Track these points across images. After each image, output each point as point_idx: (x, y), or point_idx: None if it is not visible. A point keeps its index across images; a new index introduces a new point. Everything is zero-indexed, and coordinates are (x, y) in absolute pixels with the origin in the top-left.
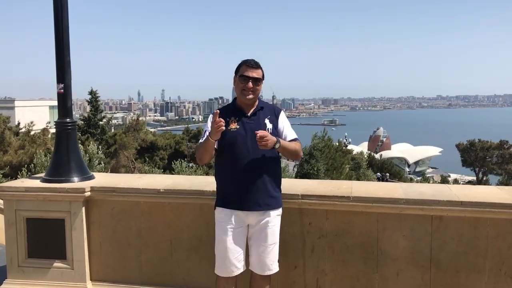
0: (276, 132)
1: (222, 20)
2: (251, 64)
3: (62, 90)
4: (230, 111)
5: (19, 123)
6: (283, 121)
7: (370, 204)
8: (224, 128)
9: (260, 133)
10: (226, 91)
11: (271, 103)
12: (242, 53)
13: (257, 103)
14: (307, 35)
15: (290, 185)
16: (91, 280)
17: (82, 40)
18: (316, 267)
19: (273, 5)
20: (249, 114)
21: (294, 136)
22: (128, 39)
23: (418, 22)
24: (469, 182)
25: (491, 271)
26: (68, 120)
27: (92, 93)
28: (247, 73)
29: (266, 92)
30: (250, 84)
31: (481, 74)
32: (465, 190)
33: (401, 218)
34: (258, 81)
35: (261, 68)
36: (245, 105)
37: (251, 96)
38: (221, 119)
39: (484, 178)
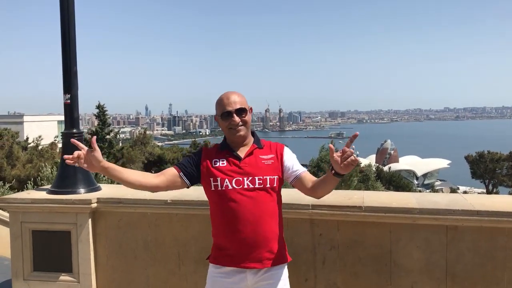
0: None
1: (228, 32)
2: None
3: (69, 101)
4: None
5: (27, 138)
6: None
7: (383, 214)
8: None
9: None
10: None
11: (277, 117)
12: (247, 66)
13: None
14: (314, 49)
15: (300, 195)
16: None
17: (89, 54)
18: (328, 280)
19: (281, 18)
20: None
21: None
22: (136, 54)
23: (424, 33)
24: (479, 194)
25: (510, 283)
26: (74, 130)
27: (99, 107)
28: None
29: (273, 105)
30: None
31: (489, 86)
32: (481, 200)
33: (415, 229)
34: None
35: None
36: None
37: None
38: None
39: (494, 190)
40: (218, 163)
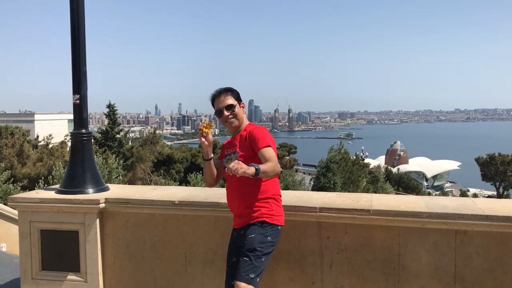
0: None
1: (237, 32)
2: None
3: (78, 101)
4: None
5: (38, 136)
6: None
7: (391, 217)
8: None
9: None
10: None
11: (286, 117)
12: (257, 66)
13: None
14: (324, 49)
15: (308, 197)
16: None
17: (100, 53)
18: (335, 283)
19: (292, 18)
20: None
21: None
22: (145, 53)
23: (435, 34)
24: (489, 197)
25: None
26: (83, 131)
27: (110, 106)
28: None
29: (282, 106)
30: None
31: (500, 87)
32: (491, 204)
33: (424, 233)
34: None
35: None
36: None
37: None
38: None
39: (504, 193)
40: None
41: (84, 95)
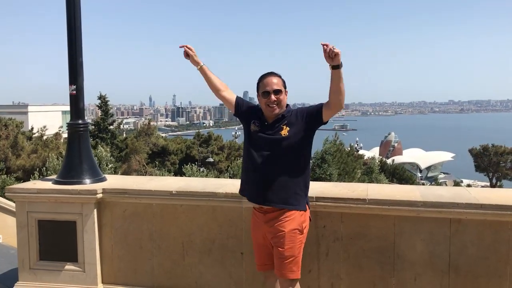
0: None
1: (232, 22)
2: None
3: (75, 92)
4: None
5: (32, 128)
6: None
7: (387, 207)
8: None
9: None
10: None
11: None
12: (254, 55)
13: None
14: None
15: None
16: (102, 283)
17: (95, 45)
18: (331, 272)
19: (288, 7)
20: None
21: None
22: (139, 44)
23: (430, 25)
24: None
25: None
26: (80, 121)
27: (101, 97)
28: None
29: None
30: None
31: (494, 79)
32: (485, 193)
33: (419, 222)
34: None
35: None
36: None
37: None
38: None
39: (498, 184)
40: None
41: (81, 86)
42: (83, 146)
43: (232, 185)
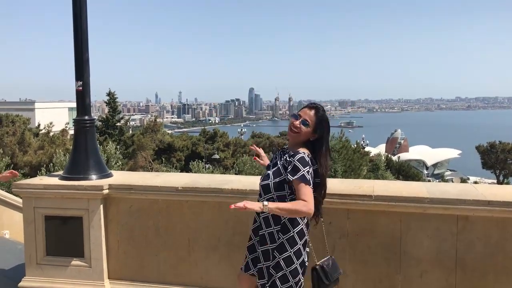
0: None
1: (238, 21)
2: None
3: (81, 88)
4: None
5: (39, 125)
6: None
7: (393, 203)
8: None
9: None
10: (242, 94)
11: (287, 105)
12: (257, 54)
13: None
14: (324, 37)
15: None
16: (109, 278)
17: (101, 41)
18: None
19: (289, 7)
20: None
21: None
22: (145, 41)
23: (436, 21)
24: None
25: None
26: (86, 117)
27: (110, 94)
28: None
29: (282, 94)
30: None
31: (501, 75)
32: (492, 190)
33: (425, 218)
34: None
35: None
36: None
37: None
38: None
39: (505, 181)
40: None
41: (87, 81)
42: (89, 142)
43: (238, 181)
